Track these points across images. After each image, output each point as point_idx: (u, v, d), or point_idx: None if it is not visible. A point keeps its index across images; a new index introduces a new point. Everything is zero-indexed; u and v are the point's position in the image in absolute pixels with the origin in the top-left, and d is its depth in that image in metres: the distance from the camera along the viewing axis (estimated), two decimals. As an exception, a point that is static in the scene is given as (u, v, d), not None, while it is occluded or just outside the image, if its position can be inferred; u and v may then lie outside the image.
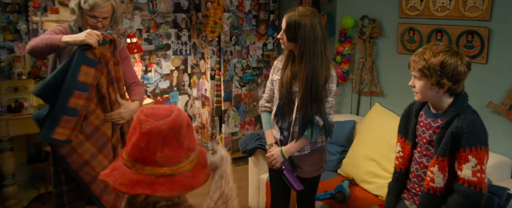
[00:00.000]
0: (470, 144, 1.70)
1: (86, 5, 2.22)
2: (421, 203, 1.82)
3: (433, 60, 1.73)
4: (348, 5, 3.45)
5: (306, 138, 2.22)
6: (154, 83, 4.41)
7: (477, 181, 1.69)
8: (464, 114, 1.75)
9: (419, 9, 2.90)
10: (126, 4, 4.06)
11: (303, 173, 2.31)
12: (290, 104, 2.23)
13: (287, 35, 2.14)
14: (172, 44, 4.45)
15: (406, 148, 1.92)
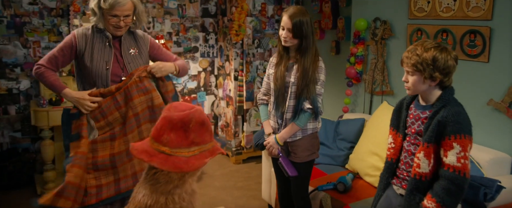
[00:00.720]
0: (455, 132, 1.80)
1: (106, 4, 2.19)
2: (409, 188, 1.93)
3: (425, 55, 1.84)
4: (362, 8, 3.58)
5: (296, 124, 2.41)
6: (183, 83, 4.70)
7: (461, 167, 1.78)
8: (450, 106, 1.86)
9: (427, 10, 2.99)
10: (157, 9, 4.39)
11: (296, 158, 2.50)
12: (284, 94, 2.44)
13: (294, 33, 2.34)
14: (200, 47, 4.73)
15: (397, 139, 2.04)
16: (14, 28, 3.81)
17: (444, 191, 1.79)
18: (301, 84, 2.38)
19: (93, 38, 2.29)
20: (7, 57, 3.84)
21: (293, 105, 2.43)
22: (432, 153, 1.86)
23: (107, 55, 2.30)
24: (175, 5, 4.50)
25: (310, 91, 2.38)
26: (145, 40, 2.45)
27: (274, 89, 2.48)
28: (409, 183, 1.93)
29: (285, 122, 2.47)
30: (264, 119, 2.61)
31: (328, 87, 4.40)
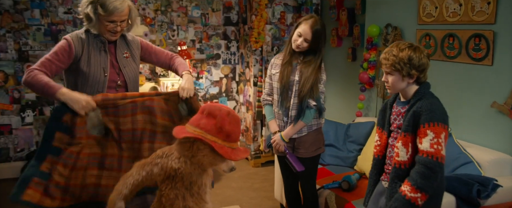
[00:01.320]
0: (428, 120, 1.89)
1: (103, 10, 2.10)
2: (391, 177, 2.02)
3: (401, 55, 1.96)
4: (375, 15, 3.68)
5: (302, 121, 2.53)
6: (205, 88, 4.92)
7: (434, 152, 1.86)
8: (425, 98, 1.97)
9: (434, 16, 3.06)
10: (181, 18, 4.64)
11: (303, 153, 2.62)
12: (288, 93, 2.57)
13: (312, 42, 2.50)
14: (222, 54, 4.94)
15: (383, 137, 2.14)
16: (51, 35, 4.15)
17: (418, 174, 1.87)
18: (307, 84, 2.51)
19: (88, 43, 2.19)
20: (43, 62, 4.17)
21: (297, 103, 2.56)
22: (410, 142, 1.95)
23: (104, 61, 2.22)
24: (199, 14, 4.74)
25: (316, 91, 2.52)
26: (136, 44, 2.37)
27: (279, 88, 2.62)
28: (391, 172, 2.02)
29: (290, 119, 2.61)
30: (269, 119, 2.74)
31: (342, 92, 4.49)
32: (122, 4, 2.12)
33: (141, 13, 4.46)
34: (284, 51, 2.67)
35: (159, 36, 4.59)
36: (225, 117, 1.62)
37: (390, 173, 2.03)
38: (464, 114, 2.90)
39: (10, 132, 4.21)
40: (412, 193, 1.86)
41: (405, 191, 1.88)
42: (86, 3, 2.13)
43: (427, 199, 1.89)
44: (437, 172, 1.86)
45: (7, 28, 4.04)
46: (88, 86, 2.18)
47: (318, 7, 4.75)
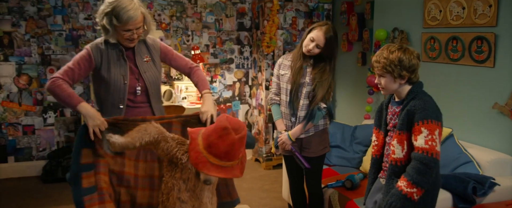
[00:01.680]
0: (422, 118, 1.95)
1: (118, 21, 2.15)
2: (388, 174, 2.09)
3: (391, 57, 2.04)
4: (383, 19, 3.75)
5: (310, 122, 2.62)
6: (218, 92, 5.05)
7: (429, 148, 1.92)
8: (418, 97, 2.04)
9: (439, 19, 3.12)
10: (196, 23, 4.80)
11: (310, 152, 2.70)
12: (297, 94, 2.66)
13: (324, 48, 2.59)
14: (235, 58, 5.07)
15: (380, 137, 2.21)
16: (71, 40, 4.37)
17: (414, 170, 1.93)
18: (321, 91, 2.59)
19: (107, 52, 2.27)
20: (64, 66, 4.39)
21: (306, 104, 2.65)
22: (405, 139, 2.01)
23: (123, 69, 2.28)
24: (213, 20, 4.89)
25: (328, 97, 2.62)
26: (156, 47, 2.42)
27: (289, 89, 2.70)
28: (388, 169, 2.09)
29: (298, 120, 2.69)
30: (276, 118, 2.83)
31: (351, 95, 4.55)
32: (136, 12, 2.15)
33: (156, 19, 4.64)
34: (294, 53, 2.74)
35: (174, 41, 4.75)
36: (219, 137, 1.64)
37: (387, 170, 2.10)
38: (466, 115, 2.93)
39: (33, 132, 4.43)
40: (409, 188, 1.92)
41: (402, 186, 1.94)
42: (101, 15, 2.20)
43: (423, 194, 1.94)
44: (432, 168, 1.92)
45: (31, 34, 4.28)
46: (110, 93, 2.25)
47: (330, 12, 4.84)
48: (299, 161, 2.70)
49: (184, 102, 4.46)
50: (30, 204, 3.70)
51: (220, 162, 1.64)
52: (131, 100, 2.31)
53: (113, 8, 2.14)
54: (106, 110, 2.28)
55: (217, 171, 1.64)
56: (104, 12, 2.18)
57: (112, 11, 2.15)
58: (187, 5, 4.77)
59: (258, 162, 5.02)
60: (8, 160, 4.37)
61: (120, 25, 2.15)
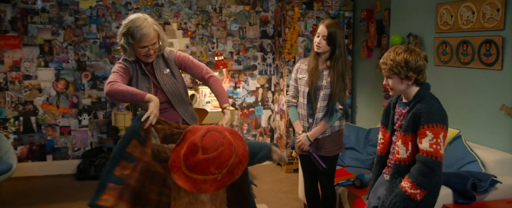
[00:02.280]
0: (427, 122, 2.03)
1: (133, 39, 2.34)
2: (392, 173, 2.19)
3: (398, 59, 2.12)
4: (399, 25, 3.84)
5: (327, 123, 2.75)
6: (242, 97, 5.25)
7: (433, 151, 2.00)
8: (425, 100, 2.11)
9: (450, 24, 3.19)
10: (220, 31, 5.04)
11: (326, 152, 2.83)
12: (315, 97, 2.80)
13: (328, 41, 2.74)
14: (258, 65, 5.26)
15: (386, 135, 2.30)
16: (105, 47, 4.70)
17: (418, 172, 2.02)
18: (336, 88, 2.73)
19: (135, 66, 2.49)
20: (98, 71, 4.72)
21: (323, 106, 2.79)
22: (409, 141, 2.10)
23: (148, 82, 2.49)
24: (237, 28, 5.12)
25: (343, 96, 2.75)
26: (172, 57, 2.58)
27: (307, 92, 2.84)
28: (392, 168, 2.18)
29: (315, 121, 2.83)
30: (294, 120, 2.96)
31: (369, 100, 4.63)
32: (149, 29, 2.34)
33: (183, 27, 4.91)
34: (310, 57, 2.89)
35: (199, 48, 5.00)
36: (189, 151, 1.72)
37: (392, 169, 2.20)
38: (475, 117, 2.98)
39: (69, 133, 4.76)
40: (412, 189, 2.01)
41: (406, 187, 2.03)
42: (119, 36, 2.41)
43: (425, 194, 2.04)
44: (435, 170, 1.99)
45: (69, 41, 4.64)
46: (139, 105, 2.44)
47: (350, 20, 4.96)
48: (316, 162, 2.83)
49: (207, 106, 4.68)
50: (65, 199, 3.99)
51: (189, 174, 1.71)
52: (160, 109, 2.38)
53: (128, 28, 2.34)
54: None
55: (185, 181, 1.70)
56: (121, 33, 2.39)
57: (127, 31, 2.35)
58: (212, 14, 5.01)
59: (279, 165, 5.15)
60: (46, 158, 4.72)
61: (135, 42, 2.34)
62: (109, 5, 4.67)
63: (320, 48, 2.76)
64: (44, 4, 4.52)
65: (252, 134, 5.34)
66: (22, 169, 4.54)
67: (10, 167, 3.07)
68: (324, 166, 2.79)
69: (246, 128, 5.31)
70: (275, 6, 5.19)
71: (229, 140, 1.76)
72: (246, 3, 5.12)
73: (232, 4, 5.07)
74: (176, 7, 4.88)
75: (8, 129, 4.57)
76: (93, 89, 4.74)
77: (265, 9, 5.19)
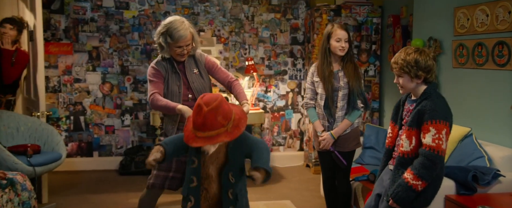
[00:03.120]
0: (431, 118, 2.18)
1: (171, 39, 2.59)
2: (395, 164, 2.36)
3: (408, 58, 2.29)
4: (420, 29, 3.96)
5: (349, 120, 2.94)
6: (272, 101, 5.49)
7: (435, 146, 2.16)
8: (431, 98, 2.26)
9: (467, 27, 3.29)
10: (252, 38, 5.33)
11: (345, 148, 3.02)
12: (333, 98, 2.99)
13: (349, 43, 2.98)
14: (289, 70, 5.49)
15: (394, 130, 2.47)
16: (145, 53, 5.12)
17: (420, 165, 2.17)
18: (354, 86, 2.93)
19: (166, 65, 2.74)
20: (139, 75, 5.14)
21: (343, 105, 2.98)
22: (413, 135, 2.25)
23: (178, 80, 2.73)
24: (268, 35, 5.39)
25: (361, 88, 2.95)
26: (202, 60, 2.84)
27: (325, 94, 3.02)
28: (396, 160, 2.34)
29: (336, 120, 3.02)
30: (314, 120, 3.14)
31: (392, 101, 4.72)
32: (186, 31, 2.61)
33: (216, 34, 5.25)
34: (320, 62, 3.07)
35: (232, 53, 5.32)
36: (196, 114, 1.93)
37: (396, 161, 2.36)
38: (487, 116, 3.06)
39: (113, 132, 5.20)
40: (414, 180, 2.17)
41: (408, 178, 2.20)
42: (158, 35, 2.67)
43: (425, 186, 2.19)
44: (437, 164, 2.14)
45: (114, 48, 5.10)
46: (170, 99, 2.68)
47: (378, 26, 5.09)
48: (338, 160, 3.02)
49: (238, 108, 4.97)
50: (108, 191, 4.39)
51: (203, 134, 1.92)
52: (190, 106, 2.59)
53: (167, 28, 2.61)
54: (168, 114, 2.76)
55: (203, 141, 1.92)
56: (160, 32, 2.65)
57: (166, 31, 2.61)
58: (245, 22, 5.32)
59: (308, 167, 5.33)
60: (93, 154, 5.18)
61: (173, 42, 2.60)
62: (149, 15, 5.10)
63: (344, 50, 2.95)
64: (93, 14, 5.02)
65: (282, 137, 5.56)
66: (72, 163, 5.01)
67: (60, 156, 3.47)
68: (345, 163, 2.97)
69: (277, 130, 5.54)
70: (305, 13, 5.42)
71: (222, 96, 2.02)
72: (277, 11, 5.38)
73: (264, 12, 5.35)
74: (211, 16, 5.23)
75: (60, 127, 5.08)
76: (134, 91, 5.16)
77: (295, 16, 5.43)
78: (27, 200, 2.85)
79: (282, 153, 5.55)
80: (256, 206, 3.92)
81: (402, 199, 2.21)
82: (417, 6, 4.00)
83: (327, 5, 5.01)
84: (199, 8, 5.20)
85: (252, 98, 5.06)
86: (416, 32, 4.03)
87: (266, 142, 2.21)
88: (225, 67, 5.23)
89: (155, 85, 2.70)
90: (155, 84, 2.70)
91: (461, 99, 3.34)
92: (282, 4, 5.39)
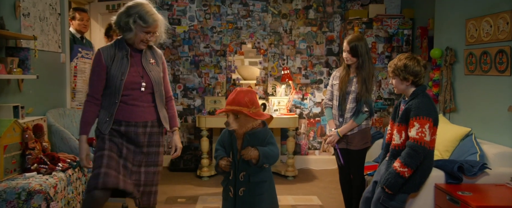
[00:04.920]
0: (416, 115, 2.58)
1: (144, 22, 2.41)
2: (389, 155, 2.75)
3: (399, 64, 2.72)
4: (440, 39, 4.24)
5: (355, 122, 3.34)
6: (309, 108, 5.93)
7: (418, 138, 2.54)
8: (417, 98, 2.65)
9: (475, 37, 3.57)
10: (290, 49, 5.83)
11: (354, 146, 3.40)
12: (345, 99, 3.41)
13: (352, 53, 3.37)
14: (324, 79, 5.91)
15: (393, 127, 2.86)
16: (194, 63, 5.79)
17: (406, 154, 2.55)
18: (361, 91, 3.31)
19: (115, 52, 2.51)
20: (188, 83, 5.82)
21: (352, 107, 3.38)
22: (403, 130, 2.64)
23: (124, 67, 2.49)
24: (305, 46, 5.86)
25: (368, 97, 3.32)
26: (160, 56, 2.69)
27: (338, 96, 3.46)
28: (390, 152, 2.73)
29: (345, 120, 3.44)
30: (329, 119, 3.59)
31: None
32: (158, 16, 2.49)
33: (256, 46, 5.81)
34: (341, 67, 3.53)
35: (271, 64, 5.84)
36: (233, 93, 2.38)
37: (390, 153, 2.76)
38: (488, 117, 3.32)
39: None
40: (401, 168, 2.56)
41: (396, 167, 2.59)
42: (124, 15, 2.45)
43: (412, 173, 2.56)
44: (420, 153, 2.51)
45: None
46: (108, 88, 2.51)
47: (409, 37, 5.38)
48: (337, 156, 3.43)
49: (274, 113, 5.45)
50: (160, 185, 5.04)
51: (230, 107, 2.33)
52: (136, 99, 2.52)
53: (138, 11, 2.42)
54: (104, 104, 2.54)
55: (226, 109, 2.31)
56: (126, 14, 2.45)
57: (137, 13, 2.42)
58: (283, 35, 5.84)
59: (340, 169, 5.68)
60: (147, 153, 5.88)
61: (145, 25, 2.41)
62: (198, 29, 5.78)
63: (348, 60, 3.37)
64: (150, 30, 5.79)
65: (317, 141, 5.95)
66: (129, 159, 5.75)
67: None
68: (342, 162, 3.35)
69: (312, 135, 5.95)
70: (340, 26, 5.83)
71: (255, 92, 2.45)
72: (314, 25, 5.85)
73: (301, 26, 5.84)
74: (252, 29, 5.81)
75: (121, 127, 5.85)
76: (184, 98, 5.83)
77: (331, 29, 5.86)
78: (91, 180, 3.54)
79: (317, 157, 5.95)
80: (285, 199, 4.37)
81: (392, 184, 2.59)
82: (437, 18, 4.30)
83: (360, 18, 5.40)
84: (242, 23, 5.80)
85: (288, 104, 5.53)
86: (437, 42, 4.32)
87: (278, 153, 2.45)
88: (264, 76, 5.78)
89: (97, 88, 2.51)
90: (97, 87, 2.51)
91: (473, 104, 3.60)
92: (319, 18, 5.85)
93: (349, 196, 3.61)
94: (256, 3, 5.79)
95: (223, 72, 5.75)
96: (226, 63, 5.75)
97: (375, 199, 2.71)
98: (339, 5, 5.85)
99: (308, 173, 5.64)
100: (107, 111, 2.52)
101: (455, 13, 3.92)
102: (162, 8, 5.73)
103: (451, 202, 2.57)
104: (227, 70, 5.73)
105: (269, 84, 5.83)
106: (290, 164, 5.30)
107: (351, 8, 5.78)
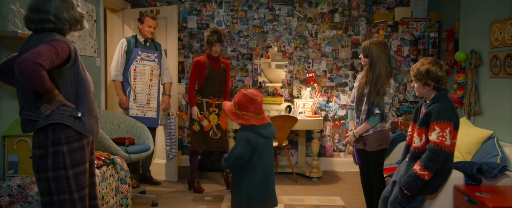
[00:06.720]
0: (436, 119, 2.63)
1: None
2: (409, 158, 2.81)
3: (421, 68, 2.77)
4: (465, 42, 4.23)
5: (368, 123, 3.42)
6: (334, 110, 5.99)
7: (439, 142, 2.60)
8: (438, 102, 2.70)
9: (500, 40, 3.56)
10: (315, 53, 5.92)
11: (369, 147, 3.47)
12: (362, 101, 3.49)
13: (363, 54, 3.47)
14: (349, 82, 5.96)
15: (414, 129, 2.92)
16: (221, 67, 5.96)
17: (426, 158, 2.61)
18: (370, 93, 3.41)
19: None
20: (216, 85, 5.99)
21: (365, 109, 3.47)
22: (423, 133, 2.70)
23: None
24: (330, 50, 5.93)
25: (378, 100, 3.39)
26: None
27: (355, 97, 3.57)
28: (410, 154, 2.79)
29: (361, 121, 3.52)
30: (349, 119, 3.69)
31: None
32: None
33: (282, 49, 5.92)
34: (363, 71, 3.62)
35: (296, 67, 5.94)
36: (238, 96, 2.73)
37: (409, 155, 2.82)
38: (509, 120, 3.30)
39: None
40: (421, 171, 2.63)
41: (416, 169, 2.65)
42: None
43: (432, 176, 2.62)
44: (440, 157, 2.57)
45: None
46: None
47: (435, 40, 5.37)
48: (353, 156, 3.51)
49: (299, 115, 5.54)
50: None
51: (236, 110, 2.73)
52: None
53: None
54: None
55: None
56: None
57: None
58: (309, 38, 5.93)
59: (365, 172, 5.71)
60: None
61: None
62: (225, 34, 5.94)
63: (363, 62, 3.46)
64: (179, 34, 6.00)
65: (342, 143, 6.01)
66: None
67: (149, 148, 4.35)
68: (358, 161, 3.43)
69: (337, 138, 6.01)
70: (365, 29, 5.87)
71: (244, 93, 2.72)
72: (339, 28, 5.92)
73: (326, 29, 5.92)
74: (278, 33, 5.93)
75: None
76: (212, 99, 6.01)
77: (356, 32, 5.91)
78: (124, 177, 3.74)
79: (342, 159, 6.00)
80: (309, 199, 4.47)
81: (411, 186, 2.65)
82: (462, 21, 4.29)
83: (385, 21, 5.43)
84: (268, 27, 5.93)
85: (313, 106, 5.62)
86: (462, 45, 4.32)
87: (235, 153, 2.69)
88: (289, 79, 5.88)
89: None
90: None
91: (497, 107, 3.59)
92: (344, 22, 5.91)
93: (369, 196, 3.68)
94: (282, 8, 5.91)
95: (250, 75, 5.89)
96: (252, 66, 5.90)
97: (392, 198, 2.77)
98: (365, 8, 5.89)
99: (333, 174, 5.70)
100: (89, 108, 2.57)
101: (480, 16, 3.92)
102: (191, 13, 5.93)
103: (469, 202, 2.61)
104: (253, 73, 5.87)
105: (295, 86, 5.93)
106: (315, 165, 5.38)
107: (376, 12, 5.82)
